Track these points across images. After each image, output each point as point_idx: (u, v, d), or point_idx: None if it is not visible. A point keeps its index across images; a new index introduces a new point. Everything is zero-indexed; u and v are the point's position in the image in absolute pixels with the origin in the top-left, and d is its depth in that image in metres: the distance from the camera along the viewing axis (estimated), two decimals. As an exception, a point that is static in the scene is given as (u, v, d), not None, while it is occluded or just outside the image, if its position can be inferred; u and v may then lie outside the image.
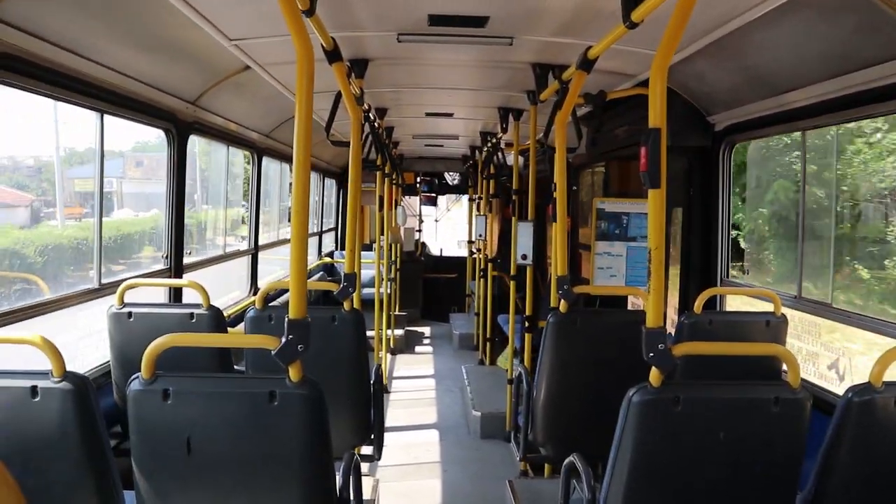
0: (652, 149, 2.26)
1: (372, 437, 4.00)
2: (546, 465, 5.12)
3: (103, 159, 3.98)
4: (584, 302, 6.66)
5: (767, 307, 4.04)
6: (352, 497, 2.78)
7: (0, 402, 2.15)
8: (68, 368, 2.20)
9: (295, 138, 2.21)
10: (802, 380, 2.38)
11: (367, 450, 4.14)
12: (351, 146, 4.12)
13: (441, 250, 15.03)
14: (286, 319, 2.20)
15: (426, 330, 12.49)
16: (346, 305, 3.76)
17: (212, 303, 3.76)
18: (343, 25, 3.80)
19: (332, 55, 3.56)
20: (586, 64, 3.62)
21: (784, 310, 3.99)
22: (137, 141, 8.01)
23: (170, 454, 2.22)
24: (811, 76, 3.76)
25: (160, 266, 4.82)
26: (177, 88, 4.54)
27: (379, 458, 4.14)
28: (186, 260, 5.03)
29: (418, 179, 13.79)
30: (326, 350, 3.66)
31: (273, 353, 2.15)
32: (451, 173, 13.84)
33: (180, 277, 4.86)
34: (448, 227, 16.28)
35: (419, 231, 14.41)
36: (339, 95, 4.01)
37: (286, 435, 2.20)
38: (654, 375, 2.28)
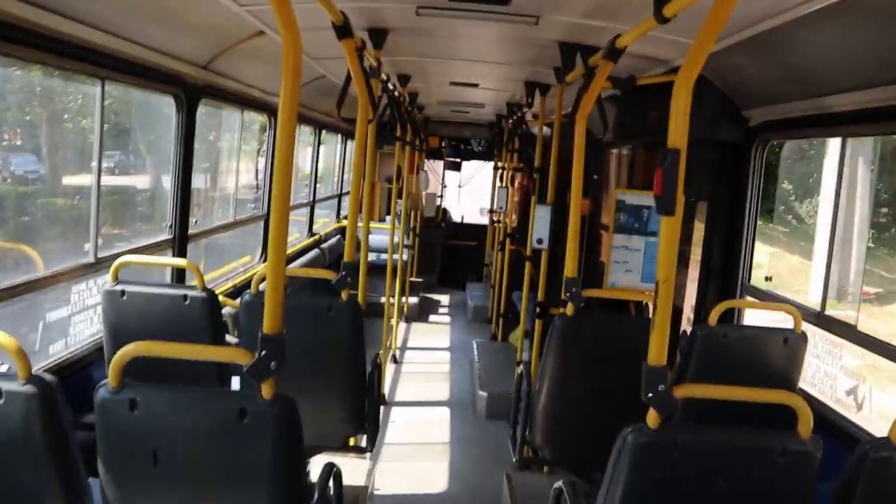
0: (668, 172, 2.03)
1: (366, 426, 3.92)
2: None
3: (103, 127, 3.85)
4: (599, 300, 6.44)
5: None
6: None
7: None
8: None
9: (280, 102, 2.04)
10: (817, 422, 2.20)
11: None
12: (357, 126, 3.96)
13: (462, 217, 14.81)
14: (260, 333, 2.07)
15: (442, 298, 12.39)
16: (343, 295, 3.63)
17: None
18: None
19: (342, 30, 3.37)
20: (613, 53, 3.39)
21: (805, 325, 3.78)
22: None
23: (136, 464, 2.13)
24: (857, 81, 3.48)
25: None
26: (186, 52, 4.36)
27: (371, 451, 4.08)
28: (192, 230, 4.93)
29: (443, 144, 13.52)
30: (320, 339, 3.55)
31: (245, 369, 2.03)
32: (476, 139, 13.54)
33: (184, 247, 4.77)
34: (471, 194, 15.97)
35: (440, 197, 14.18)
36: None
37: (256, 454, 2.08)
38: (652, 417, 2.11)
